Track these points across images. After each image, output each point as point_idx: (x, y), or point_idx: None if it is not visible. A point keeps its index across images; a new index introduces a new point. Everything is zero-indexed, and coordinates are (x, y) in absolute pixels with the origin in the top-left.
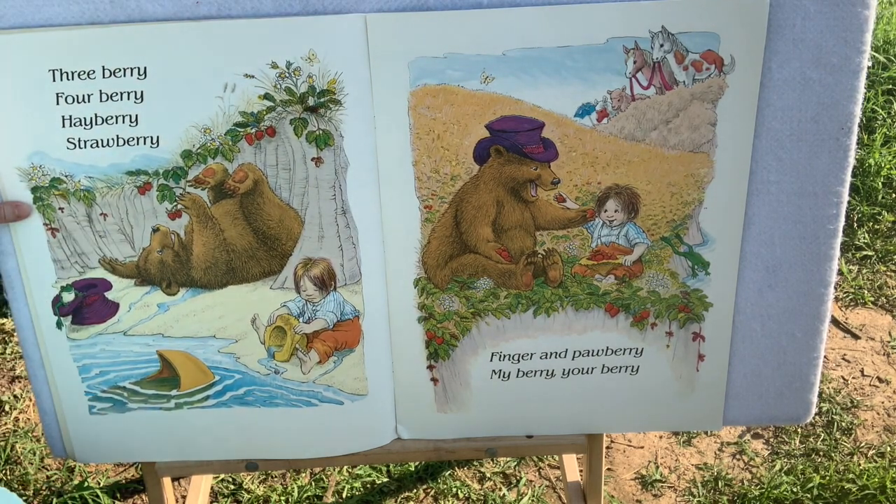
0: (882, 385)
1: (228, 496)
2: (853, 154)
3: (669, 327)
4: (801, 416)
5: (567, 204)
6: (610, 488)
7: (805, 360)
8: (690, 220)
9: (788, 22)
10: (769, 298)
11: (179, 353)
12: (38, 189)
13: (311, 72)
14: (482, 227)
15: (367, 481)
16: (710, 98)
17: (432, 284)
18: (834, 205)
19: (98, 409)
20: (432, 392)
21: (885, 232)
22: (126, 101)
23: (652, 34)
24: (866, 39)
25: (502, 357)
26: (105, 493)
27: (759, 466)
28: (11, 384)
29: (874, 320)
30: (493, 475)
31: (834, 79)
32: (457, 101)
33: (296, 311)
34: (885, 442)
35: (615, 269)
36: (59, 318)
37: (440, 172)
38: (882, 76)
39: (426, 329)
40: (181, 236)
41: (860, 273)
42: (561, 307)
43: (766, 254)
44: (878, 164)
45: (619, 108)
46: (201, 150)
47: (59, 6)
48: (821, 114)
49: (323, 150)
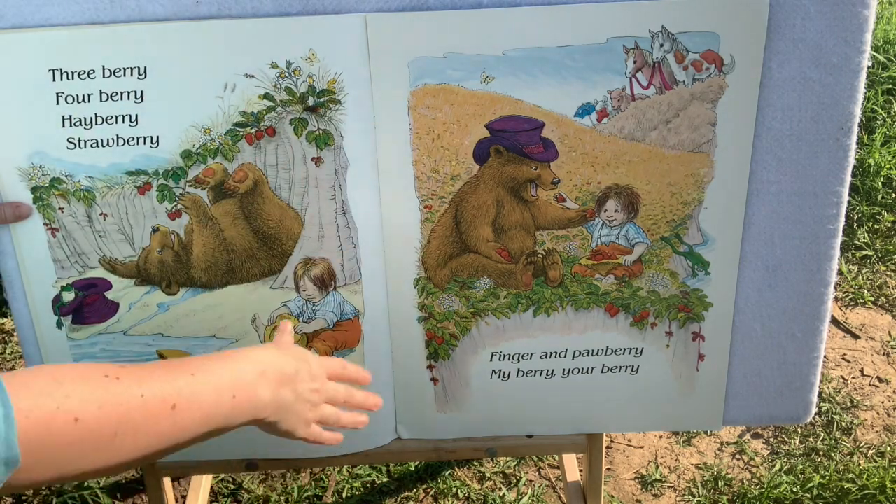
0: (882, 385)
1: (228, 496)
2: (853, 154)
3: (669, 327)
4: (801, 416)
5: (567, 204)
6: (610, 488)
7: (805, 359)
8: (690, 219)
9: (788, 22)
10: (769, 298)
11: (179, 352)
12: (38, 189)
13: (311, 72)
14: (482, 227)
15: (367, 481)
16: (710, 98)
17: (432, 284)
18: (834, 205)
19: None
20: (432, 392)
21: (885, 232)
22: (126, 100)
23: (652, 34)
24: (866, 39)
25: (502, 357)
26: (105, 492)
27: (759, 466)
28: None
29: (874, 320)
30: (492, 475)
31: (834, 79)
32: (457, 100)
33: (296, 311)
34: (884, 442)
35: (615, 268)
36: (59, 318)
37: (440, 172)
38: (882, 76)
39: (426, 329)
40: (181, 236)
41: (860, 273)
42: (561, 307)
43: (766, 254)
44: (878, 164)
45: (619, 108)
46: (201, 150)
47: (59, 6)
48: (821, 113)
49: (323, 150)
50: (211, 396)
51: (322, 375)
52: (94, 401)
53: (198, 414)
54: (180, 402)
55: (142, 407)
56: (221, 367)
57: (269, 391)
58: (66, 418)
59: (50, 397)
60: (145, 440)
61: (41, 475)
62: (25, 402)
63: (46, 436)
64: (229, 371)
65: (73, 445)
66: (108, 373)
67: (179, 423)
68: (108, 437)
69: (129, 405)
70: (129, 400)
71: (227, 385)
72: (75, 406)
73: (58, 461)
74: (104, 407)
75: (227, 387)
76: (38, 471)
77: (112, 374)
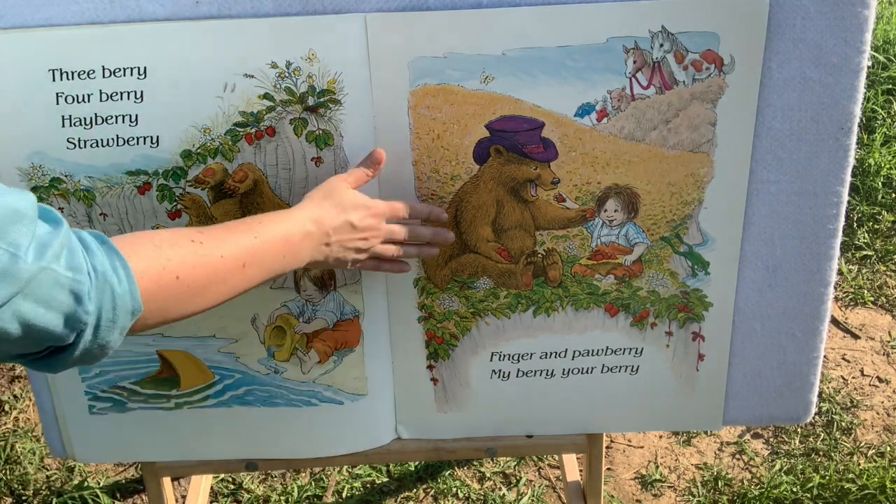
0: (882, 385)
1: (228, 496)
2: (853, 154)
3: (669, 327)
4: (801, 416)
5: (567, 204)
6: (610, 488)
7: (805, 359)
8: (690, 219)
9: (788, 22)
10: (769, 298)
11: (179, 352)
12: (38, 189)
13: (310, 72)
14: (482, 227)
15: (367, 481)
16: (709, 98)
17: (432, 284)
18: (834, 205)
19: (98, 408)
20: (432, 392)
21: (885, 232)
22: (126, 100)
23: (652, 34)
24: (866, 39)
25: (502, 357)
26: (105, 492)
27: (759, 466)
28: (11, 384)
29: (874, 320)
30: (492, 475)
31: (834, 78)
32: (457, 100)
33: (296, 311)
34: (884, 442)
35: (615, 268)
36: None
37: (440, 172)
38: (882, 76)
39: (426, 329)
40: None
41: (860, 273)
42: (561, 307)
43: (766, 254)
44: (877, 163)
45: (618, 108)
46: (201, 150)
47: (59, 6)
48: (821, 113)
49: (323, 150)
50: (268, 256)
51: (379, 217)
52: (189, 262)
53: (261, 270)
54: (249, 260)
55: (222, 266)
56: (275, 230)
57: (310, 251)
58: (170, 277)
59: (156, 260)
60: (224, 291)
61: (151, 322)
62: (138, 265)
63: (157, 291)
64: (281, 233)
65: (175, 298)
66: (192, 238)
67: (247, 278)
68: (200, 290)
69: (214, 265)
70: (213, 261)
71: (280, 247)
72: (175, 267)
73: (163, 311)
74: (196, 267)
75: (279, 248)
76: (150, 320)
77: (196, 239)
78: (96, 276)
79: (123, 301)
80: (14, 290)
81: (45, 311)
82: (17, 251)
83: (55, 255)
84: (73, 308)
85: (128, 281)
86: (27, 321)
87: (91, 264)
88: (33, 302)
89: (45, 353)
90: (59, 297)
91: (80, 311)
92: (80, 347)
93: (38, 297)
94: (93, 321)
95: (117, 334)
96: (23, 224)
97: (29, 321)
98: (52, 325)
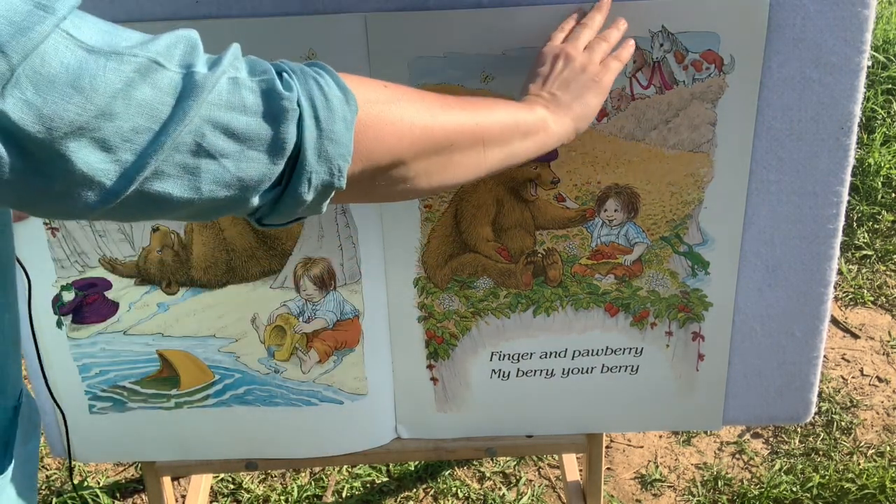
0: (881, 385)
1: (228, 496)
2: (853, 154)
3: (669, 327)
4: (801, 416)
5: (567, 203)
6: (610, 488)
7: (805, 359)
8: (690, 219)
9: (788, 22)
10: (769, 298)
11: (179, 352)
12: None
13: None
14: (482, 227)
15: (367, 481)
16: (709, 98)
17: (432, 284)
18: (834, 204)
19: (98, 408)
20: (432, 392)
21: (885, 231)
22: None
23: (652, 34)
24: (866, 39)
25: (502, 357)
26: (105, 492)
27: (759, 466)
28: None
29: (874, 320)
30: (492, 475)
31: (834, 78)
32: None
33: (296, 311)
34: (884, 441)
35: (615, 268)
36: (59, 318)
37: None
38: (882, 76)
39: (426, 328)
40: (181, 236)
41: (860, 273)
42: (561, 307)
43: (766, 253)
44: (877, 163)
45: (618, 108)
46: None
47: None
48: (821, 113)
49: None
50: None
51: (585, 55)
52: (430, 116)
53: (501, 154)
54: (487, 139)
55: (462, 132)
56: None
57: (562, 127)
58: (402, 125)
59: (385, 104)
60: (460, 167)
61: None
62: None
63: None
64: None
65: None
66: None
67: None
68: (445, 150)
69: (462, 128)
70: (455, 124)
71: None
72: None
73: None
74: (438, 124)
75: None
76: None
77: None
78: (293, 71)
79: (331, 90)
80: (198, 102)
81: (240, 114)
82: (191, 68)
83: (231, 65)
84: (269, 104)
85: (332, 77)
86: (229, 128)
87: (283, 68)
88: (225, 109)
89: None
90: (249, 99)
91: (278, 102)
92: (307, 142)
93: (229, 104)
94: (307, 106)
95: (341, 125)
96: (192, 48)
97: (231, 128)
98: (254, 128)
